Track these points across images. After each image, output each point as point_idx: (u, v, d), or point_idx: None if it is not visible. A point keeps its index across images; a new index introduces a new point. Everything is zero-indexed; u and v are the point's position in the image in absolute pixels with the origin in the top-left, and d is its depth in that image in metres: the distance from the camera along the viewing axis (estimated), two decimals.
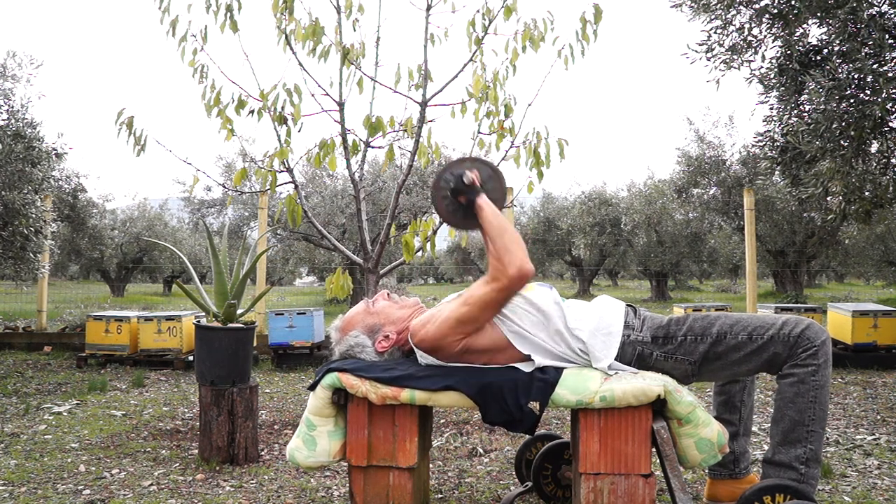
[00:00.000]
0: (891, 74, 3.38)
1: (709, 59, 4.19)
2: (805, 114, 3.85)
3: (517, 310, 2.08)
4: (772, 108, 4.19)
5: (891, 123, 3.67)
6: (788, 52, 3.94)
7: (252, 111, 3.25)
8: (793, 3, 3.66)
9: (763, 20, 3.95)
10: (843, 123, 3.51)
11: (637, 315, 2.12)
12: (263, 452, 3.15)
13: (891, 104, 3.47)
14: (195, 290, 3.20)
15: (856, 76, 3.53)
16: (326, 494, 2.59)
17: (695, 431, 1.92)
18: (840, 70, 3.58)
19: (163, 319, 5.63)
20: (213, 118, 3.23)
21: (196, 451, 3.13)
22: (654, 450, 1.93)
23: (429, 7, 3.27)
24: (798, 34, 3.95)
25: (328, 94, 3.30)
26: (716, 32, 4.13)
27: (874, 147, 3.85)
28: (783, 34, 3.93)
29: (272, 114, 3.22)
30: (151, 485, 2.69)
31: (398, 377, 2.02)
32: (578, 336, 2.05)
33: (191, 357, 5.51)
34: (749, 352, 1.99)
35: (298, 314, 5.67)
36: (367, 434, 2.05)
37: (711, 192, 11.86)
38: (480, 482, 2.73)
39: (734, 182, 11.17)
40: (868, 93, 3.49)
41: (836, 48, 3.64)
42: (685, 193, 12.17)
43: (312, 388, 2.09)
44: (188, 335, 5.65)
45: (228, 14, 3.18)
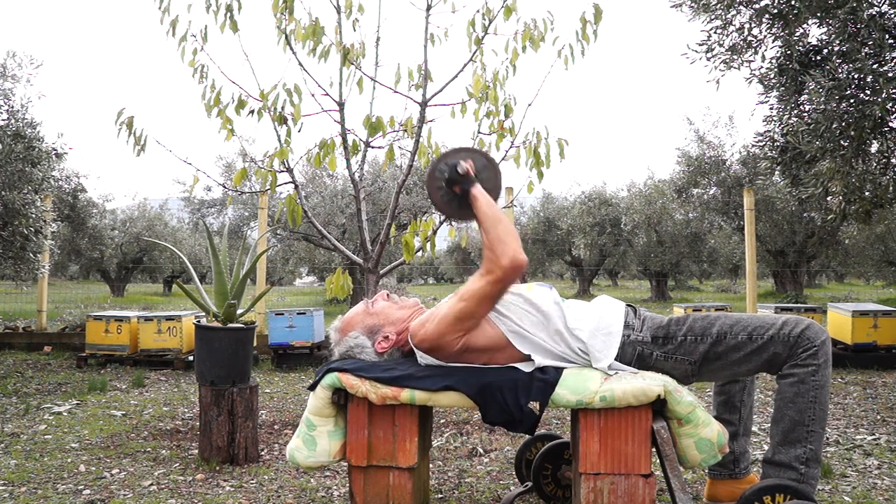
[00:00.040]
0: (891, 74, 3.38)
1: (709, 59, 4.19)
2: (805, 114, 3.85)
3: (517, 310, 2.08)
4: (772, 108, 4.19)
5: (891, 123, 3.67)
6: (788, 52, 3.94)
7: (252, 111, 3.25)
8: (793, 3, 3.66)
9: (763, 20, 3.95)
10: (843, 123, 3.51)
11: (637, 315, 2.12)
12: (263, 452, 3.15)
13: (891, 104, 3.47)
14: (195, 290, 3.20)
15: (856, 76, 3.53)
16: (326, 494, 2.59)
17: (695, 431, 1.92)
18: (840, 70, 3.58)
19: (163, 319, 5.63)
20: (213, 118, 3.23)
21: (196, 451, 3.13)
22: (654, 450, 1.93)
23: (429, 7, 3.27)
24: (798, 34, 3.95)
25: (328, 94, 3.30)
26: (716, 32, 4.13)
27: (874, 147, 3.85)
28: (783, 34, 3.93)
29: (272, 114, 3.22)
30: (151, 485, 2.69)
31: (398, 377, 2.01)
32: (578, 336, 2.05)
33: (191, 357, 5.51)
34: (749, 352, 2.00)
35: (298, 314, 5.67)
36: (367, 434, 2.05)
37: (711, 192, 11.86)
38: (480, 482, 2.73)
39: (734, 182, 11.17)
40: (868, 93, 3.49)
41: (836, 48, 3.64)
42: (685, 193, 12.18)
43: (312, 388, 2.09)
44: (188, 335, 5.65)
45: (228, 14, 3.18)
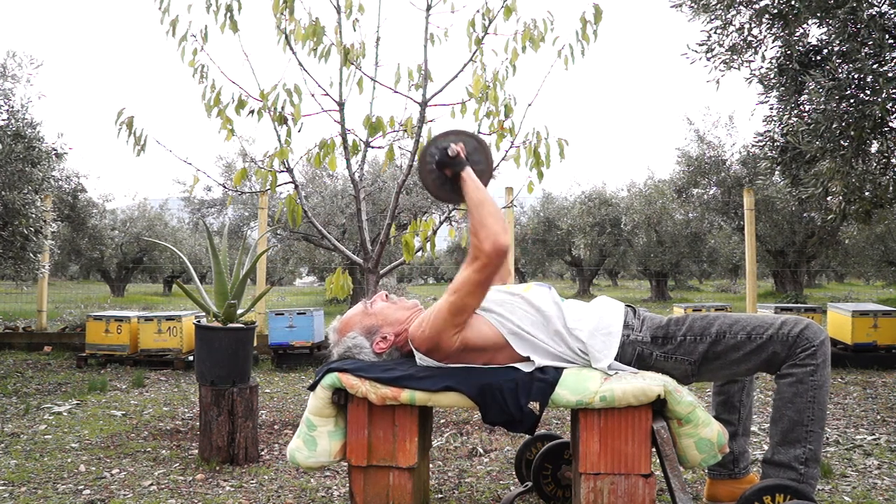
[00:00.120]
0: (891, 74, 3.38)
1: (709, 59, 4.19)
2: (805, 114, 3.85)
3: (516, 310, 2.08)
4: (772, 108, 4.19)
5: (891, 123, 3.67)
6: (788, 52, 3.95)
7: (252, 111, 3.25)
8: (793, 3, 3.66)
9: (763, 20, 3.95)
10: (843, 123, 3.51)
11: (636, 315, 2.12)
12: (263, 452, 3.15)
13: (891, 104, 3.47)
14: (195, 290, 3.20)
15: (856, 76, 3.53)
16: (326, 494, 2.59)
17: (695, 431, 1.92)
18: (840, 70, 3.58)
19: (163, 319, 5.63)
20: (213, 118, 3.23)
21: (196, 451, 3.13)
22: (654, 450, 1.93)
23: (429, 7, 3.27)
24: (798, 34, 3.95)
25: (328, 94, 3.30)
26: (716, 32, 4.13)
27: (874, 147, 3.85)
28: (783, 34, 3.93)
29: (272, 114, 3.22)
30: (151, 485, 2.69)
31: (398, 377, 2.01)
32: (578, 336, 2.05)
33: (191, 357, 5.51)
34: (748, 351, 2.00)
35: (298, 314, 5.67)
36: (367, 434, 2.05)
37: (711, 192, 11.86)
38: (480, 482, 2.73)
39: (734, 182, 11.17)
40: (868, 93, 3.49)
41: (836, 48, 3.64)
42: (685, 193, 12.18)
43: (312, 389, 2.09)
44: (188, 335, 5.66)
45: (228, 14, 3.18)
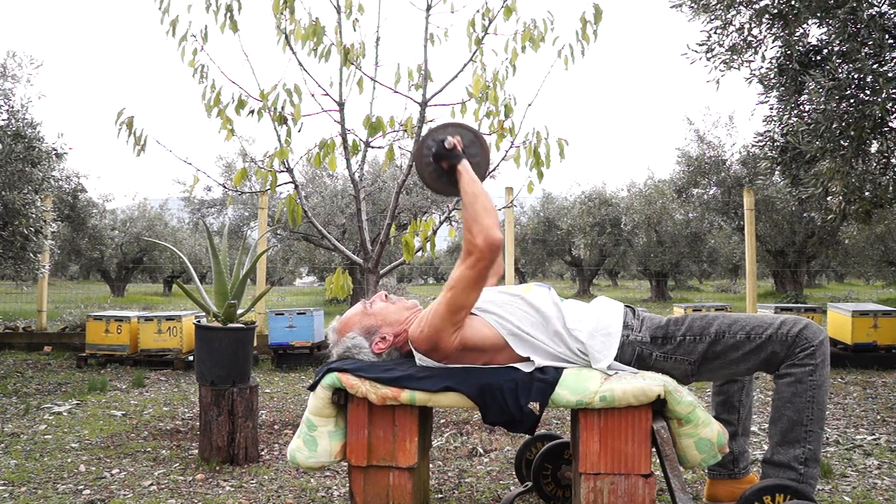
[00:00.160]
0: (891, 74, 3.38)
1: (709, 60, 4.19)
2: (805, 114, 3.85)
3: (516, 311, 2.08)
4: (772, 108, 4.19)
5: (891, 123, 3.67)
6: (788, 52, 3.95)
7: (252, 111, 3.25)
8: (793, 3, 3.66)
9: (763, 20, 3.95)
10: (843, 123, 3.51)
11: (636, 315, 2.12)
12: (263, 452, 3.15)
13: (891, 104, 3.47)
14: (195, 290, 3.20)
15: (856, 76, 3.53)
16: (326, 494, 2.59)
17: (695, 431, 1.92)
18: (840, 70, 3.58)
19: (163, 319, 5.63)
20: (213, 118, 3.23)
21: (196, 451, 3.13)
22: (654, 450, 1.93)
23: (429, 7, 3.27)
24: (798, 34, 3.95)
25: (328, 94, 3.30)
26: (716, 32, 4.13)
27: (874, 147, 3.85)
28: (783, 34, 3.94)
29: (272, 114, 3.22)
30: (151, 485, 2.69)
31: (398, 378, 2.01)
32: (577, 337, 2.05)
33: (191, 357, 5.51)
34: (747, 351, 2.00)
35: (298, 314, 5.67)
36: (367, 434, 2.05)
37: (711, 192, 11.86)
38: (480, 482, 2.73)
39: (734, 182, 11.17)
40: (868, 93, 3.49)
41: (836, 48, 3.64)
42: (685, 193, 12.18)
43: (312, 389, 2.09)
44: (188, 335, 5.66)
45: (228, 14, 3.18)
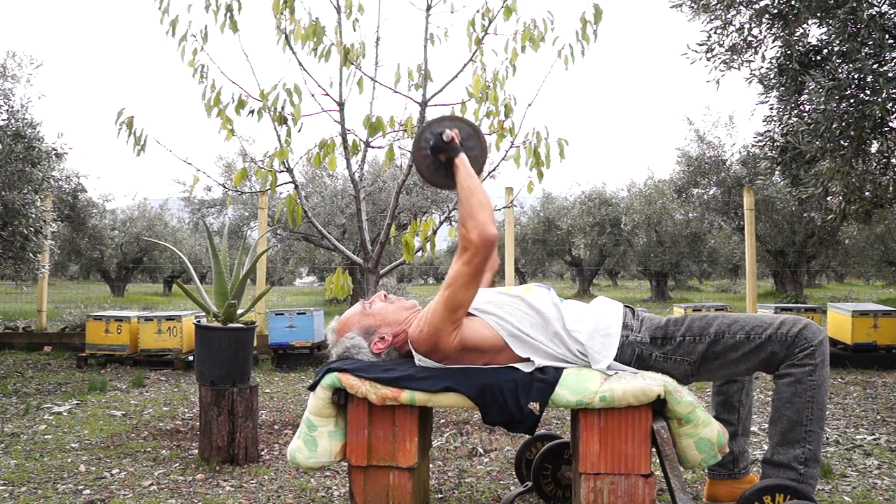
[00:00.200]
0: (891, 74, 3.38)
1: (709, 60, 4.19)
2: (805, 114, 3.85)
3: (515, 312, 2.08)
4: (772, 108, 4.19)
5: (891, 123, 3.67)
6: (788, 52, 3.95)
7: (252, 111, 3.25)
8: (793, 3, 3.66)
9: (763, 20, 3.95)
10: (843, 123, 3.51)
11: (635, 316, 2.12)
12: (263, 452, 3.15)
13: (891, 104, 3.47)
14: (195, 290, 3.20)
15: (856, 76, 3.53)
16: (326, 494, 2.59)
17: (695, 431, 1.92)
18: (840, 70, 3.58)
19: (163, 319, 5.63)
20: (213, 118, 3.23)
21: (196, 451, 3.13)
22: (654, 450, 1.93)
23: (429, 7, 3.27)
24: (798, 34, 3.95)
25: (328, 94, 3.30)
26: (716, 32, 4.13)
27: (874, 147, 3.85)
28: (783, 34, 3.94)
29: (272, 114, 3.22)
30: (151, 485, 2.69)
31: (398, 378, 2.01)
32: (577, 338, 2.05)
33: (191, 357, 5.51)
34: (747, 351, 1.99)
35: (298, 314, 5.67)
36: (367, 434, 2.05)
37: (711, 192, 11.86)
38: (480, 482, 2.73)
39: (734, 182, 11.18)
40: (868, 93, 3.49)
41: (836, 48, 3.64)
42: (685, 193, 12.18)
43: (312, 389, 2.09)
44: (188, 335, 5.66)
45: (228, 14, 3.18)
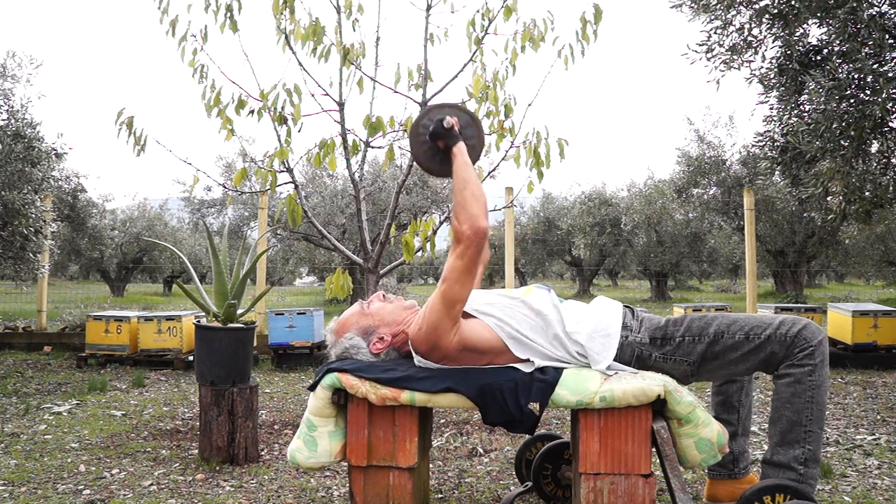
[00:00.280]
0: (891, 74, 3.38)
1: (709, 60, 4.19)
2: (805, 114, 3.85)
3: (516, 314, 2.08)
4: (772, 108, 4.19)
5: (891, 123, 3.67)
6: (788, 52, 3.95)
7: (252, 111, 3.25)
8: (793, 3, 3.66)
9: (763, 20, 3.95)
10: (843, 123, 3.51)
11: (635, 316, 2.12)
12: (263, 452, 3.15)
13: (891, 104, 3.47)
14: (195, 290, 3.20)
15: (856, 76, 3.53)
16: (326, 494, 2.59)
17: (695, 431, 1.92)
18: (840, 70, 3.58)
19: (163, 319, 5.63)
20: (213, 118, 3.23)
21: (196, 451, 3.13)
22: (654, 450, 1.93)
23: (429, 7, 3.27)
24: (798, 34, 3.95)
25: (328, 94, 3.30)
26: (716, 33, 4.13)
27: (874, 147, 3.85)
28: (783, 34, 3.94)
29: (272, 114, 3.22)
30: (151, 485, 2.69)
31: (398, 378, 2.01)
32: (577, 340, 2.05)
33: (191, 357, 5.51)
34: (746, 351, 1.99)
35: (298, 314, 5.67)
36: (367, 434, 2.05)
37: (711, 192, 11.86)
38: (480, 482, 2.73)
39: (734, 182, 11.18)
40: (868, 93, 3.49)
41: (836, 48, 3.64)
42: (685, 193, 12.18)
43: (312, 389, 2.09)
44: (188, 335, 5.66)
45: (228, 14, 3.18)
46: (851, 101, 3.48)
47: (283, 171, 3.32)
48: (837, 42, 3.55)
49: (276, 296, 15.55)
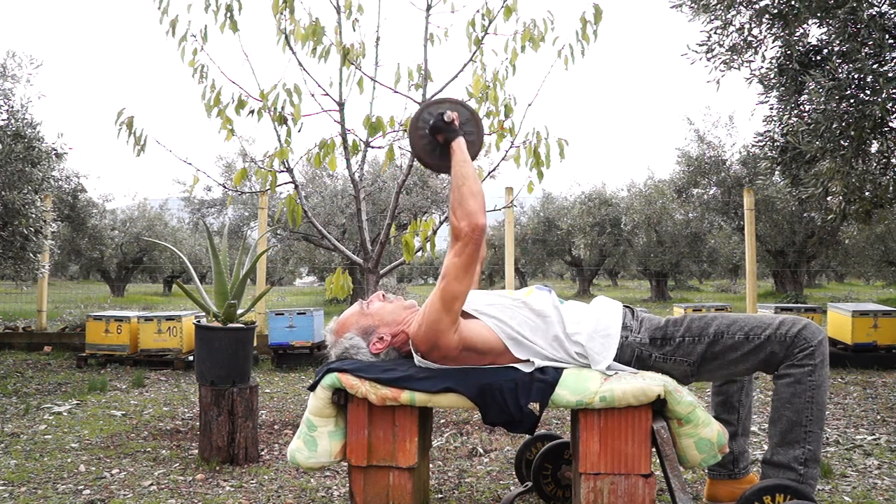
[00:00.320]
0: (891, 74, 3.38)
1: (709, 60, 4.19)
2: (805, 114, 3.85)
3: (516, 315, 2.08)
4: (772, 108, 4.19)
5: (891, 123, 3.67)
6: (788, 52, 3.95)
7: (252, 111, 3.25)
8: (793, 3, 3.66)
9: (763, 20, 3.95)
10: (843, 123, 3.51)
11: (635, 316, 2.12)
12: (263, 452, 3.15)
13: (891, 104, 3.47)
14: (195, 290, 3.20)
15: (856, 76, 3.53)
16: (326, 494, 2.59)
17: (695, 431, 1.92)
18: (840, 70, 3.58)
19: (163, 319, 5.63)
20: (213, 118, 3.23)
21: (196, 451, 3.13)
22: (654, 450, 1.93)
23: (429, 7, 3.27)
24: (798, 34, 3.95)
25: (328, 94, 3.30)
26: (716, 33, 4.13)
27: (874, 147, 3.85)
28: (783, 34, 3.94)
29: (272, 114, 3.22)
30: (151, 485, 2.69)
31: (398, 378, 2.01)
32: (577, 340, 2.05)
33: (191, 357, 5.51)
34: (746, 351, 1.99)
35: (298, 314, 5.67)
36: (367, 434, 2.05)
37: (711, 192, 11.86)
38: (480, 482, 2.73)
39: (734, 182, 11.18)
40: (868, 93, 3.49)
41: (836, 48, 3.64)
42: (685, 193, 12.18)
43: (312, 389, 2.09)
44: (188, 335, 5.66)
45: (228, 14, 3.18)
46: (851, 101, 3.48)
47: (283, 171, 3.32)
48: (837, 42, 3.55)
49: (276, 296, 15.55)
